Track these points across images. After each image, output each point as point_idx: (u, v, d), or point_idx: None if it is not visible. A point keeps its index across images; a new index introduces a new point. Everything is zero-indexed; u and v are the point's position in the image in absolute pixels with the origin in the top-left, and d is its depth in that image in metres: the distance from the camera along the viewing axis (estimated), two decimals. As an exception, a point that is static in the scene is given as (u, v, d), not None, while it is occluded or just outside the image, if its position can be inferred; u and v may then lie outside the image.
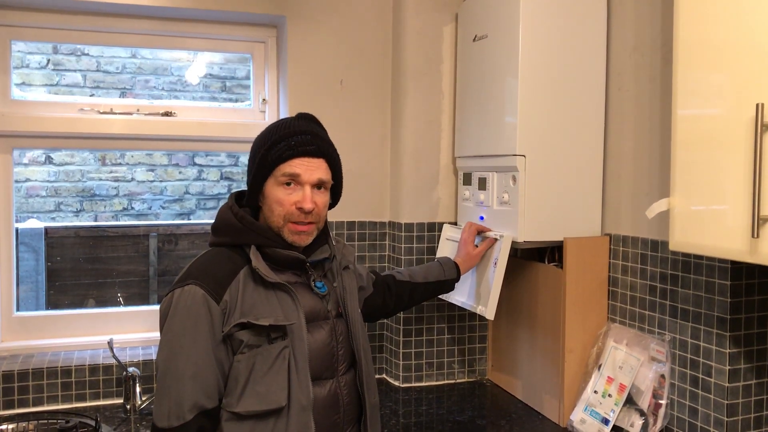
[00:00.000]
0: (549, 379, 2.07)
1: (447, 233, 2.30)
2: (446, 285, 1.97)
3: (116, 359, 2.09)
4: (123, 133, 2.32)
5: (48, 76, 4.51)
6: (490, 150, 2.09)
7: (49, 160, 4.58)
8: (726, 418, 1.59)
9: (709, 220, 1.37)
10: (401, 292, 1.87)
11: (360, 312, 1.57)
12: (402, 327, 2.36)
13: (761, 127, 1.21)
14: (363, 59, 2.42)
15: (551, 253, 2.09)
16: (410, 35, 2.34)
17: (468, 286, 2.11)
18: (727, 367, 1.58)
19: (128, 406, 2.09)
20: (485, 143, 2.13)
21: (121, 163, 4.74)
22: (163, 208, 4.83)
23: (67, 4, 2.21)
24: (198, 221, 4.75)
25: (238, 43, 2.47)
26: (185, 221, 4.72)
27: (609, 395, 1.87)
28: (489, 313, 1.96)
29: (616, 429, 1.83)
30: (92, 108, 2.32)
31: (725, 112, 1.32)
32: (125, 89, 4.65)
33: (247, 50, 2.49)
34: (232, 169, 4.98)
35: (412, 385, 2.37)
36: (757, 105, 1.21)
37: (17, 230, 2.38)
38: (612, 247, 1.99)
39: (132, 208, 4.78)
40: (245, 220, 1.43)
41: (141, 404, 2.08)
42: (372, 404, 1.51)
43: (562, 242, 1.99)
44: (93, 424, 1.92)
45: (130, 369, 2.11)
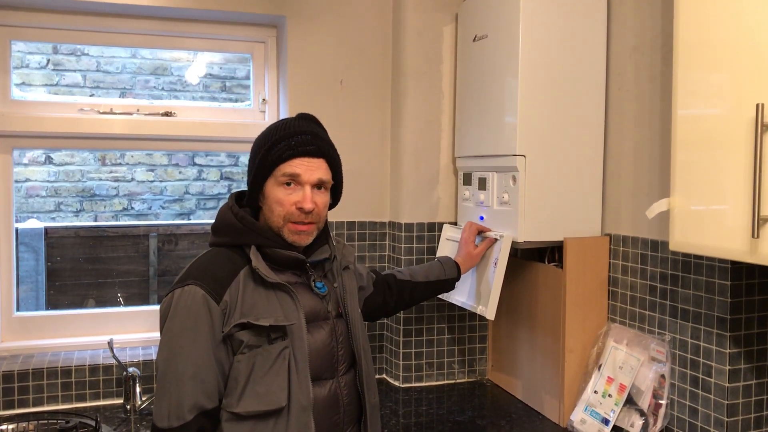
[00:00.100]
0: (549, 379, 2.07)
1: (447, 233, 2.30)
2: (447, 284, 1.97)
3: (116, 359, 2.09)
4: (123, 133, 2.32)
5: (48, 76, 4.51)
6: (490, 150, 2.09)
7: (49, 160, 4.58)
8: (726, 419, 1.59)
9: (709, 220, 1.37)
10: (402, 291, 1.87)
11: (360, 312, 1.58)
12: (402, 327, 2.36)
13: (761, 127, 1.21)
14: (363, 59, 2.42)
15: (551, 253, 2.09)
16: (410, 35, 2.34)
17: (468, 286, 2.11)
18: (728, 368, 1.58)
19: (128, 407, 2.09)
20: (485, 143, 2.13)
21: (121, 163, 4.74)
22: (163, 208, 4.83)
23: (67, 4, 2.21)
24: (198, 221, 4.75)
25: (238, 43, 2.47)
26: (185, 221, 4.73)
27: (609, 395, 1.87)
28: (489, 313, 1.96)
29: (616, 429, 1.83)
30: (92, 108, 2.32)
31: (725, 112, 1.32)
32: (125, 89, 4.66)
33: (247, 50, 2.49)
34: (232, 169, 4.98)
35: (412, 385, 2.37)
36: (757, 105, 1.21)
37: (17, 230, 2.38)
38: (612, 247, 1.99)
39: (132, 208, 4.78)
40: (245, 220, 1.43)
41: (141, 404, 2.08)
42: (372, 404, 1.51)
43: (562, 242, 1.99)
44: (93, 424, 1.92)
45: (130, 369, 2.11)
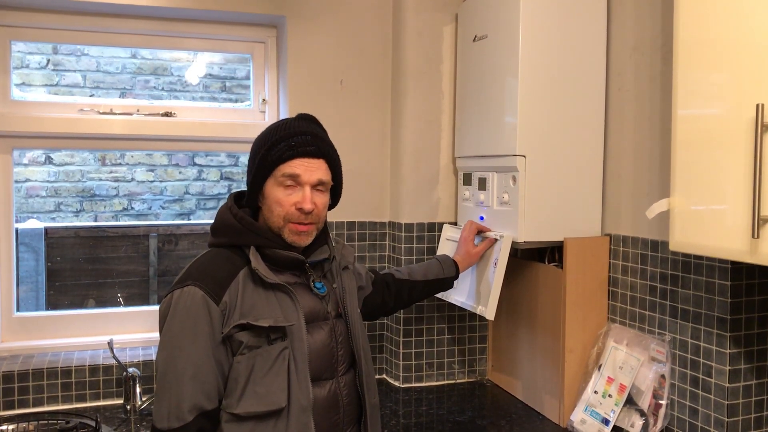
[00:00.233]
0: (549, 379, 2.07)
1: (447, 233, 2.30)
2: (445, 283, 1.97)
3: (116, 360, 2.09)
4: (123, 133, 2.32)
5: (48, 77, 4.51)
6: (490, 150, 2.09)
7: (49, 161, 4.58)
8: (726, 419, 1.59)
9: (709, 221, 1.36)
10: (400, 290, 1.87)
11: (360, 312, 1.57)
12: (402, 327, 2.36)
13: (761, 127, 1.21)
14: (363, 59, 2.42)
15: (551, 253, 2.09)
16: (410, 35, 2.34)
17: (468, 286, 2.11)
18: (728, 368, 1.58)
19: (128, 407, 2.09)
20: (485, 143, 2.13)
21: (121, 164, 4.74)
22: (163, 208, 4.83)
23: (67, 5, 2.21)
24: (198, 221, 4.76)
25: (238, 44, 2.47)
26: (185, 221, 4.73)
27: (609, 395, 1.86)
28: (489, 313, 1.96)
29: (616, 429, 1.83)
30: (92, 108, 2.32)
31: (725, 112, 1.32)
32: (125, 89, 4.66)
33: (247, 50, 2.49)
34: (232, 169, 4.98)
35: (412, 385, 2.37)
36: (757, 105, 1.21)
37: (17, 230, 2.38)
38: (612, 247, 1.99)
39: (132, 208, 4.78)
40: (244, 220, 1.43)
41: (141, 405, 2.08)
42: (372, 404, 1.51)
43: (562, 242, 1.99)
44: (93, 424, 1.92)
45: (130, 369, 2.11)
